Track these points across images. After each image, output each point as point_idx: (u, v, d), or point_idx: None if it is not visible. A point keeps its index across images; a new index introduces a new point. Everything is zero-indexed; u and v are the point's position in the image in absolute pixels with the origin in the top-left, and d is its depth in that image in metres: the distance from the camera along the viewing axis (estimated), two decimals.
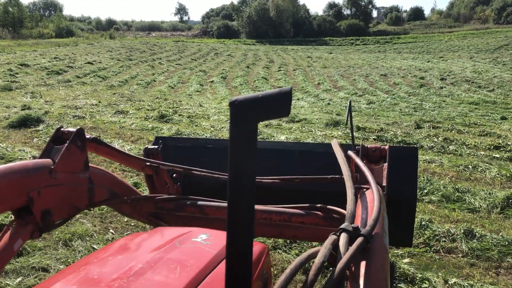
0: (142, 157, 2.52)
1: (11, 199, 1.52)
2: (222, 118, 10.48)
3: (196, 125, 9.63)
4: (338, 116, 10.74)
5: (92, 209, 2.05)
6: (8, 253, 1.50)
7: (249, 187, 0.70)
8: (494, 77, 20.29)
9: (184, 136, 8.13)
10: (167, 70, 23.28)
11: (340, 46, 48.00)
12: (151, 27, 70.58)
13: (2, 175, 1.49)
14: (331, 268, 0.84)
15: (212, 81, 19.69)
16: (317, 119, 10.46)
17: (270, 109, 0.69)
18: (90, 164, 1.93)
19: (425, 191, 5.35)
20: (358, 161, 1.86)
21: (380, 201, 1.33)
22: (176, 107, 12.01)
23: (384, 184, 1.92)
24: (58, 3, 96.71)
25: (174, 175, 2.67)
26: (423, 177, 5.72)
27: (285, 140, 8.27)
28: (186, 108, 11.95)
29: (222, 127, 9.36)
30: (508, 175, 6.11)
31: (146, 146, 2.69)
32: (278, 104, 0.69)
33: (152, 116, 10.47)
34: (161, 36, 58.37)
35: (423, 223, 4.34)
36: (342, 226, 1.09)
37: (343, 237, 1.04)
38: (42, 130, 8.66)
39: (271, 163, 2.75)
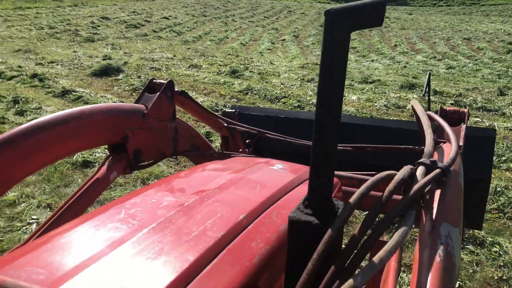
0: (222, 117, 2.63)
1: (110, 134, 1.70)
2: (292, 76, 10.43)
3: (266, 82, 9.67)
4: (414, 79, 10.28)
5: (175, 157, 2.20)
6: (105, 182, 1.69)
7: (338, 86, 0.75)
8: None
9: (258, 106, 8.23)
10: (240, 27, 23.30)
11: (421, 7, 45.17)
12: None
13: (104, 112, 1.66)
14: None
15: (283, 40, 19.48)
16: (391, 81, 10.10)
17: (364, 18, 0.71)
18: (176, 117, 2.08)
19: (503, 158, 5.08)
20: (437, 117, 1.85)
21: (457, 152, 1.31)
22: (247, 64, 12.09)
23: (461, 143, 1.90)
24: None
25: (248, 141, 2.78)
26: (502, 144, 5.42)
27: (356, 101, 8.12)
28: (257, 65, 12.00)
29: (292, 85, 9.33)
30: None
31: (224, 109, 2.81)
32: (372, 13, 0.71)
33: (224, 71, 10.64)
34: None
35: (498, 189, 4.16)
36: (420, 160, 1.09)
37: (421, 169, 1.05)
38: (121, 79, 9.13)
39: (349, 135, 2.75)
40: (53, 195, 4.20)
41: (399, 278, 3.00)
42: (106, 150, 5.17)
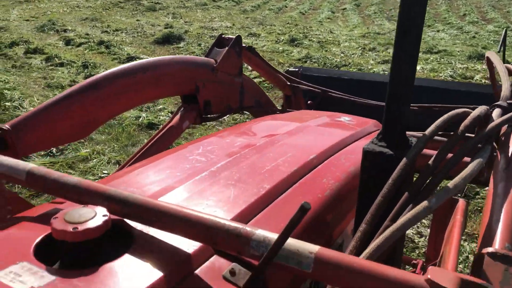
0: (286, 75, 2.65)
1: (183, 84, 1.80)
2: (353, 45, 10.18)
3: (326, 50, 9.52)
4: (484, 50, 9.72)
5: (241, 112, 2.26)
6: (179, 129, 1.80)
7: (416, 31, 0.76)
8: None
9: (319, 67, 8.14)
10: None
11: None
12: None
13: (178, 63, 1.76)
14: None
15: (344, 9, 18.93)
16: (458, 52, 9.61)
17: None
18: (243, 74, 2.14)
19: None
20: None
21: None
22: (306, 33, 11.91)
23: None
24: None
25: (309, 101, 2.78)
26: None
27: (420, 71, 7.84)
28: (316, 34, 11.79)
29: (352, 54, 9.13)
30: None
31: (288, 68, 2.82)
32: None
33: (282, 39, 10.56)
34: None
35: None
36: (497, 103, 1.08)
37: (497, 111, 1.04)
38: (183, 47, 9.33)
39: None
40: (121, 153, 4.46)
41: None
42: (169, 114, 5.36)
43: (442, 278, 0.54)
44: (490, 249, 0.70)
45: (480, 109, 0.95)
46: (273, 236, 0.66)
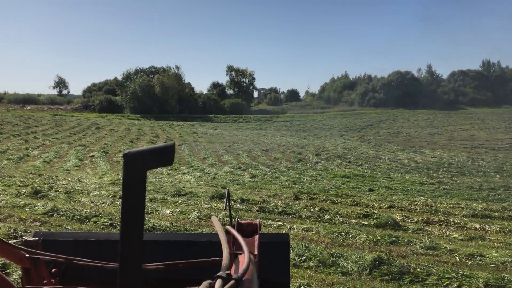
0: (21, 247, 2.39)
1: None
2: (103, 193, 10.07)
3: (75, 201, 9.11)
4: (223, 189, 10.99)
5: None
6: None
7: (138, 221, 0.83)
8: (361, 153, 22.67)
9: (65, 231, 7.63)
10: (43, 144, 21.92)
11: (225, 123, 49.91)
12: (26, 100, 66.01)
13: None
14: None
15: (92, 156, 18.95)
16: (202, 193, 10.59)
17: (158, 159, 0.84)
18: None
19: (304, 257, 5.66)
20: (233, 231, 2.06)
21: (250, 260, 1.49)
22: (52, 183, 11.28)
23: (256, 252, 2.14)
24: None
25: (53, 270, 2.56)
26: (302, 245, 6.06)
27: (170, 214, 8.21)
28: (63, 184, 11.28)
29: (103, 203, 8.98)
30: (374, 239, 6.75)
31: (25, 238, 2.56)
32: (164, 155, 0.85)
33: (24, 192, 9.68)
34: (37, 109, 54.93)
35: (301, 287, 4.57)
36: (217, 274, 1.22)
37: (218, 282, 1.17)
38: None
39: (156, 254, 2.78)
40: None
41: None
42: None
43: None
44: None
45: (203, 286, 1.05)
46: None
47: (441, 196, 12.01)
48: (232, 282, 1.19)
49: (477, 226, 8.05)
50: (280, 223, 7.71)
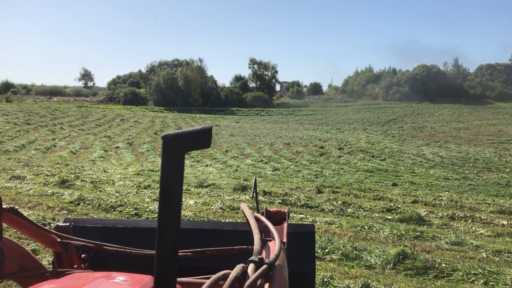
0: (54, 231, 2.46)
1: None
2: (128, 184, 10.24)
3: (100, 191, 9.29)
4: (245, 182, 11.03)
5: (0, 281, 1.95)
6: None
7: (176, 201, 0.86)
8: (385, 147, 22.38)
9: (93, 217, 7.79)
10: (69, 135, 22.38)
11: (247, 116, 49.96)
12: (53, 92, 67.49)
13: None
14: None
15: (117, 147, 19.25)
16: (225, 184, 10.65)
17: (195, 141, 0.86)
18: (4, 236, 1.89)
19: (327, 250, 5.65)
20: (263, 219, 2.06)
21: (280, 247, 1.50)
22: (79, 173, 11.51)
23: (285, 240, 2.14)
24: None
25: (83, 255, 2.62)
26: (324, 237, 6.05)
27: (193, 205, 8.29)
28: (89, 174, 11.50)
29: (128, 193, 9.13)
30: (398, 234, 6.68)
31: (57, 223, 2.63)
32: (202, 137, 0.86)
33: (52, 181, 9.92)
34: (64, 101, 56.08)
35: (325, 280, 4.57)
36: (250, 258, 1.23)
37: (251, 266, 1.18)
38: None
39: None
40: None
41: None
42: None
43: None
44: None
45: (237, 269, 1.06)
46: None
47: (466, 191, 11.78)
48: (265, 266, 1.20)
49: (505, 222, 7.88)
50: (302, 215, 7.70)
